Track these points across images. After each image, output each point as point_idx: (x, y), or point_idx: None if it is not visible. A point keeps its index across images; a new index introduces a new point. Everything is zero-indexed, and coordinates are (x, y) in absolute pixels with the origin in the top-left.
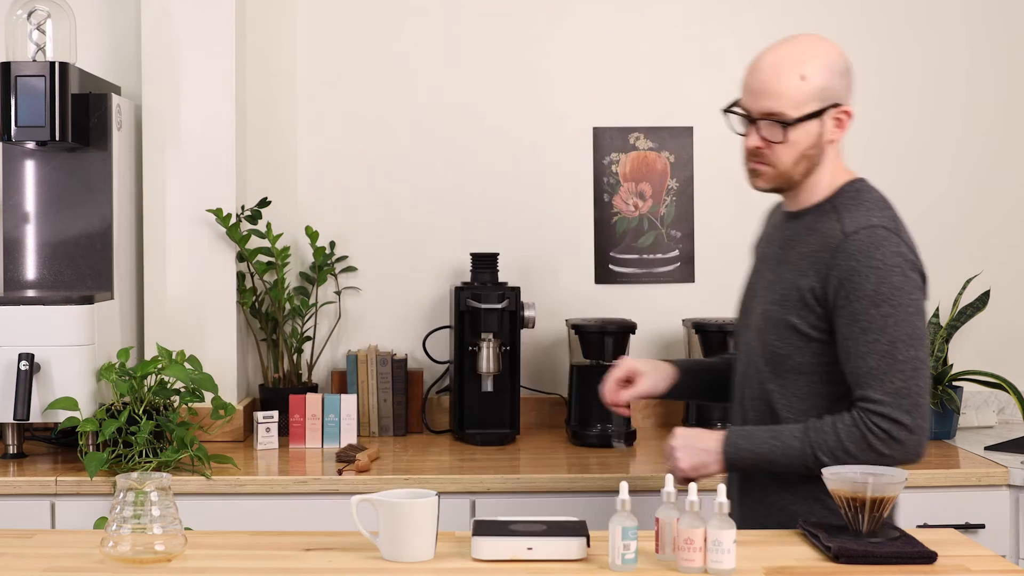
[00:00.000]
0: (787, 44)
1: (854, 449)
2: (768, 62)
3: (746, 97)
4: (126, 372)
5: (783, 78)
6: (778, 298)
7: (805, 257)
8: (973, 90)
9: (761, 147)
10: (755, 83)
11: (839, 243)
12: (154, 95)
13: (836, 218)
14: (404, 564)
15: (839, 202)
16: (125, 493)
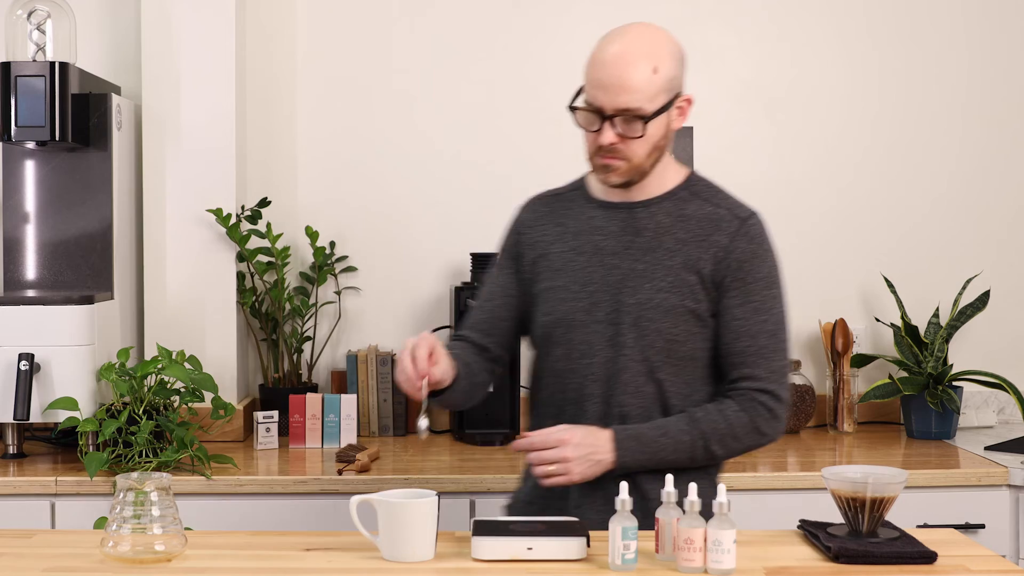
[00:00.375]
0: (631, 36)
1: (742, 433)
2: (618, 57)
3: (597, 93)
4: (126, 372)
5: (637, 72)
6: (667, 285)
7: (690, 242)
8: (973, 90)
9: (616, 143)
10: (608, 79)
11: (737, 227)
12: (154, 95)
13: (712, 204)
14: (404, 564)
15: (698, 189)
16: (125, 493)
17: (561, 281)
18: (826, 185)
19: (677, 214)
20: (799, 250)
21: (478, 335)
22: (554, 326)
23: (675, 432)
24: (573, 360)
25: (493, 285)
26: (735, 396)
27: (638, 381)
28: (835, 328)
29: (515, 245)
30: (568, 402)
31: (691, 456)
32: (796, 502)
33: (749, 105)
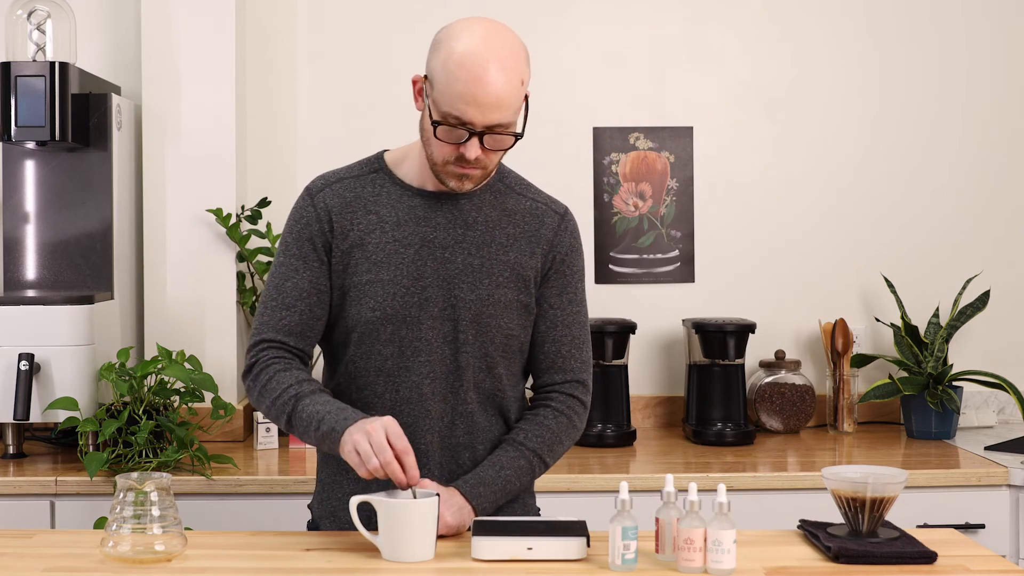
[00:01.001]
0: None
1: (565, 437)
2: (487, 70)
3: (467, 109)
4: (126, 372)
5: (512, 88)
6: (504, 281)
7: (520, 237)
8: (973, 90)
9: (481, 156)
10: (482, 96)
11: (559, 222)
12: (154, 95)
13: (528, 198)
14: (404, 564)
15: (510, 182)
16: (125, 493)
17: (387, 274)
18: (826, 185)
19: (501, 207)
20: (799, 250)
21: (295, 340)
22: (382, 323)
23: (510, 464)
24: (406, 358)
25: (300, 280)
26: (550, 400)
27: (479, 377)
28: (835, 328)
29: (319, 234)
30: (402, 401)
31: (532, 476)
32: (796, 502)
33: (749, 105)
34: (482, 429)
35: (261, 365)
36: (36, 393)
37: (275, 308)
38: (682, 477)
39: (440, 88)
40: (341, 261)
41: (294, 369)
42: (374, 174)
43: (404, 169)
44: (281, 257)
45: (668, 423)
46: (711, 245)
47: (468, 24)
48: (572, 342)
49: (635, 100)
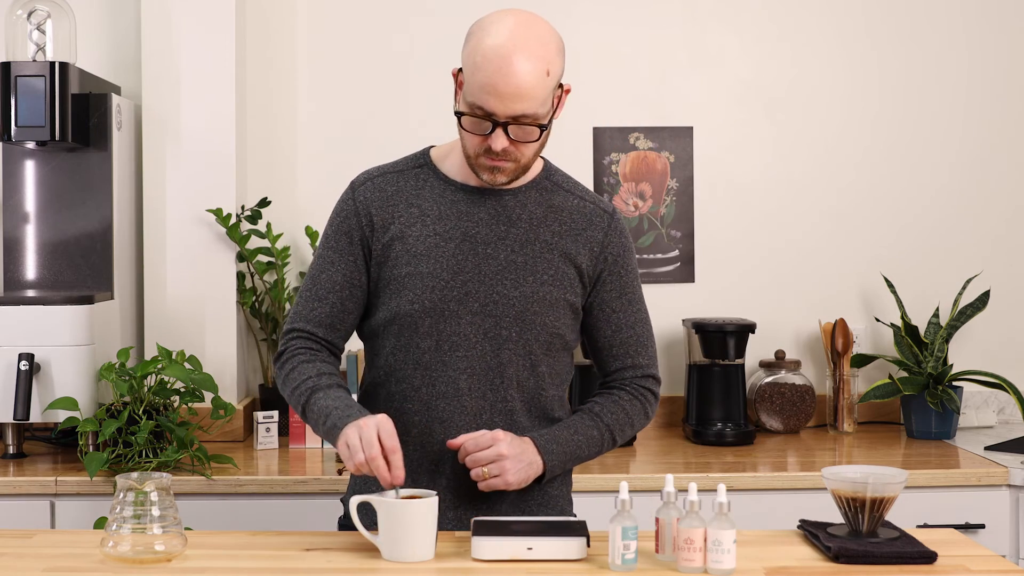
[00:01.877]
0: (519, 34)
1: (636, 420)
2: (511, 60)
3: (489, 99)
4: (126, 372)
5: (533, 78)
6: (549, 279)
7: (567, 236)
8: (973, 89)
9: (509, 148)
10: (503, 86)
11: (609, 222)
12: (154, 95)
13: (576, 196)
14: (404, 564)
15: (558, 180)
16: (125, 493)
17: (427, 267)
18: (826, 185)
19: (547, 205)
20: (799, 250)
21: (325, 331)
22: (421, 315)
23: (585, 431)
24: (444, 352)
25: (334, 273)
26: (625, 386)
27: (522, 375)
28: (835, 328)
29: (357, 228)
30: (439, 396)
31: (600, 450)
32: (796, 502)
33: (749, 105)
34: (523, 428)
35: (289, 354)
36: (36, 393)
37: (308, 299)
38: (682, 477)
39: (467, 79)
40: (382, 254)
41: (318, 361)
42: (418, 169)
43: (448, 164)
44: (321, 249)
45: (668, 423)
46: (711, 245)
47: (499, 16)
48: (639, 341)
49: (635, 100)
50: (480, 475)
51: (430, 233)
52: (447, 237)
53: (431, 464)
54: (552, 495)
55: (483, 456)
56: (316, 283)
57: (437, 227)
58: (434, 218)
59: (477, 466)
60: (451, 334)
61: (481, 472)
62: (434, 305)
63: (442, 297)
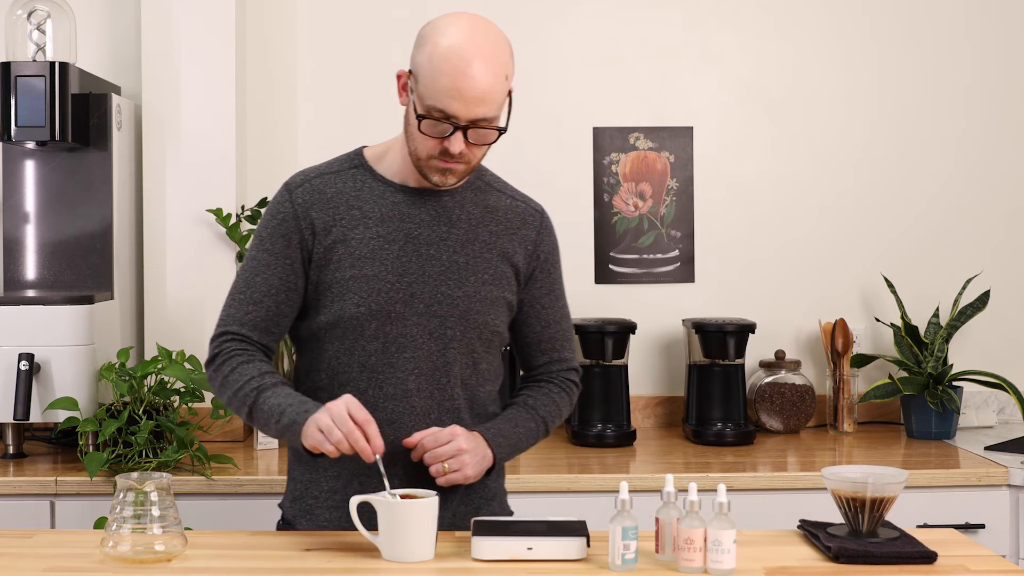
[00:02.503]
0: (477, 38)
1: (564, 410)
2: (472, 64)
3: (451, 103)
4: (126, 372)
5: (496, 82)
6: (489, 278)
7: (503, 235)
8: (973, 89)
9: (464, 151)
10: (467, 90)
11: (541, 220)
12: (154, 95)
13: (508, 196)
14: (404, 564)
15: (490, 180)
16: (125, 493)
17: (371, 270)
18: (826, 185)
19: (483, 205)
20: (799, 250)
21: (259, 335)
22: (367, 318)
23: (524, 423)
24: (391, 354)
25: (270, 276)
26: (552, 379)
27: (465, 373)
28: (835, 328)
29: (296, 231)
30: (387, 398)
31: (536, 440)
32: (796, 502)
33: (749, 105)
34: (466, 425)
35: (224, 356)
36: (36, 393)
37: (242, 302)
38: (682, 477)
39: (425, 82)
40: (324, 257)
41: (257, 361)
42: (354, 170)
43: (385, 165)
44: (254, 251)
45: (668, 423)
46: (711, 245)
47: (453, 19)
48: (564, 335)
49: (635, 100)
50: (440, 471)
51: (373, 235)
52: (390, 239)
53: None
54: (492, 488)
55: (443, 452)
56: (250, 286)
57: (379, 229)
58: (376, 220)
59: (437, 462)
60: (397, 335)
61: (441, 468)
62: (380, 307)
63: (388, 299)
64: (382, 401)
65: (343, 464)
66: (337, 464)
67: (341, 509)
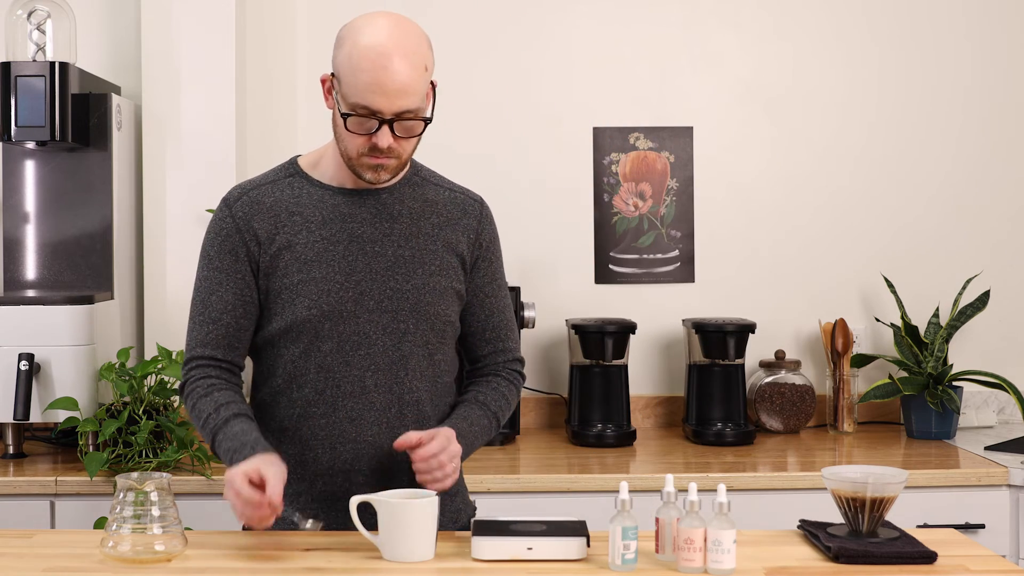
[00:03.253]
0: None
1: (512, 402)
2: (391, 59)
3: (374, 98)
4: (126, 372)
5: (416, 74)
6: (436, 269)
7: (446, 227)
8: (973, 89)
9: (393, 144)
10: (388, 83)
11: (481, 210)
12: (154, 95)
13: (446, 188)
14: (404, 564)
15: (425, 175)
16: (125, 493)
17: (319, 272)
18: (826, 184)
19: (422, 199)
20: (799, 250)
21: (224, 352)
22: (319, 320)
23: (478, 421)
24: (346, 353)
25: (224, 293)
26: (499, 371)
27: (422, 365)
28: (835, 328)
29: (241, 244)
30: (345, 396)
31: (489, 435)
32: (796, 502)
33: (749, 105)
34: (428, 416)
35: (189, 387)
36: (36, 393)
37: (202, 323)
38: (682, 477)
39: (347, 81)
40: (270, 265)
41: (216, 391)
42: (291, 178)
43: (320, 171)
44: (204, 271)
45: (668, 423)
46: (711, 245)
47: (369, 18)
48: (507, 324)
49: (635, 100)
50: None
51: (317, 239)
52: (334, 241)
53: (345, 464)
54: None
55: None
56: (207, 306)
57: (323, 232)
58: (318, 224)
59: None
60: (351, 334)
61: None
62: (332, 308)
63: (339, 299)
64: (341, 400)
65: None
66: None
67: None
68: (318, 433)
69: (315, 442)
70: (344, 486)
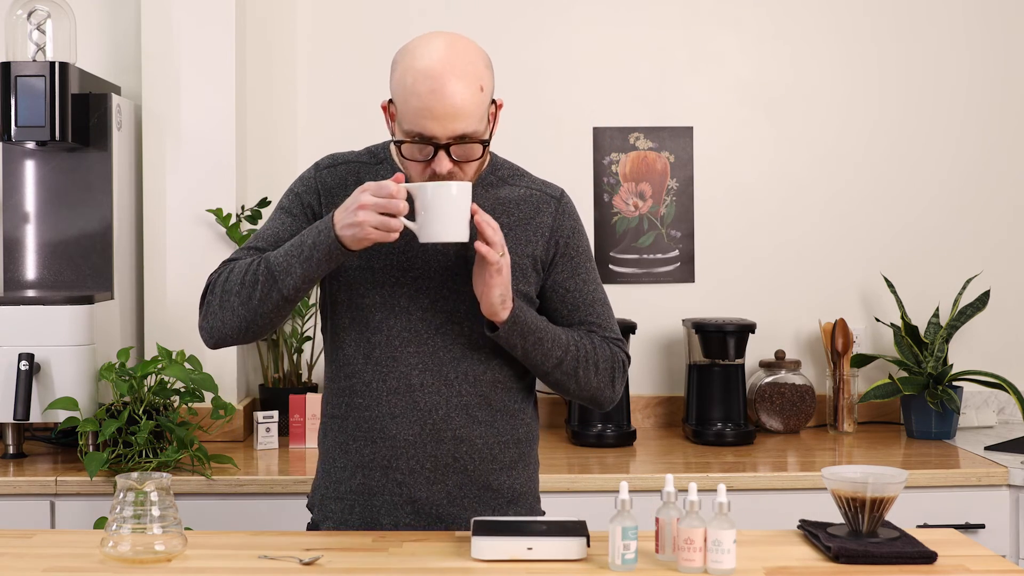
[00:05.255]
0: (447, 54)
1: (603, 368)
2: (443, 82)
3: (427, 123)
4: (126, 372)
5: (471, 95)
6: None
7: (516, 227)
8: (973, 89)
9: (454, 169)
10: (440, 108)
11: (557, 206)
12: (154, 95)
13: (522, 187)
14: (404, 563)
15: (503, 174)
16: (125, 493)
17: (378, 263)
18: (826, 185)
19: (494, 199)
20: (799, 250)
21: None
22: (371, 310)
23: (553, 330)
24: (395, 347)
25: (282, 230)
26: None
27: (477, 370)
28: (835, 328)
29: (316, 202)
30: (390, 392)
31: (561, 358)
32: (796, 502)
33: (749, 105)
34: (480, 422)
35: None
36: (36, 393)
37: (249, 248)
38: (682, 477)
39: (400, 107)
40: None
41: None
42: (379, 165)
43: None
44: (274, 213)
45: (668, 423)
46: (711, 245)
47: (424, 40)
48: (599, 317)
49: (635, 100)
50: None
51: None
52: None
53: (383, 460)
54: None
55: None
56: (261, 236)
57: None
58: None
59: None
60: (402, 329)
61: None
62: (384, 300)
63: (392, 292)
64: (385, 394)
65: (349, 456)
66: (344, 455)
67: (345, 500)
68: (361, 425)
69: (358, 433)
70: (381, 482)
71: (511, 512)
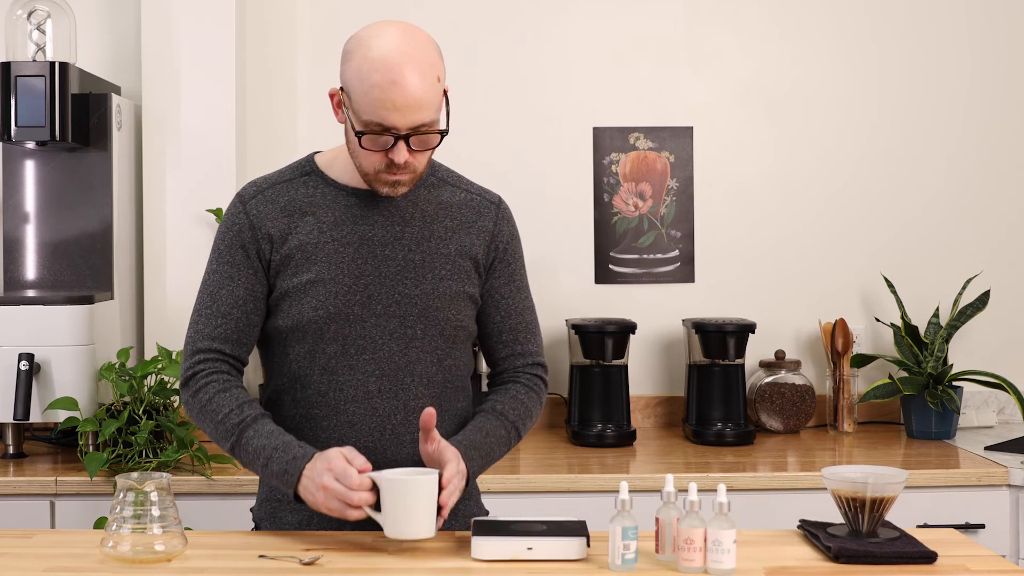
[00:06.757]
0: (408, 47)
1: (534, 412)
2: (403, 73)
3: (388, 114)
4: (126, 372)
5: (430, 86)
6: (447, 273)
7: (459, 230)
8: (973, 89)
9: (411, 159)
10: (401, 99)
11: (497, 212)
12: (154, 95)
13: (463, 190)
14: (404, 563)
15: (443, 175)
16: (125, 493)
17: (329, 274)
18: (826, 185)
19: (436, 201)
20: (799, 250)
21: (232, 347)
22: (325, 321)
23: (495, 432)
24: (351, 356)
25: (235, 288)
26: (518, 378)
27: (430, 372)
28: (835, 328)
29: (252, 241)
30: (347, 400)
31: (508, 448)
32: (796, 502)
33: (749, 105)
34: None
35: (201, 380)
36: (36, 393)
37: (210, 316)
38: (682, 477)
39: (358, 98)
40: (280, 264)
41: (233, 388)
42: (306, 177)
43: (337, 170)
44: (215, 264)
45: (668, 423)
46: (711, 245)
47: (377, 29)
48: (527, 328)
49: (635, 100)
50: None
51: (328, 240)
52: (345, 242)
53: None
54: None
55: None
56: (216, 300)
57: (334, 233)
58: (330, 224)
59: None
60: (357, 337)
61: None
62: (338, 310)
63: (346, 302)
64: (343, 403)
65: None
66: None
67: (302, 512)
68: (319, 435)
69: (317, 444)
70: None
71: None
